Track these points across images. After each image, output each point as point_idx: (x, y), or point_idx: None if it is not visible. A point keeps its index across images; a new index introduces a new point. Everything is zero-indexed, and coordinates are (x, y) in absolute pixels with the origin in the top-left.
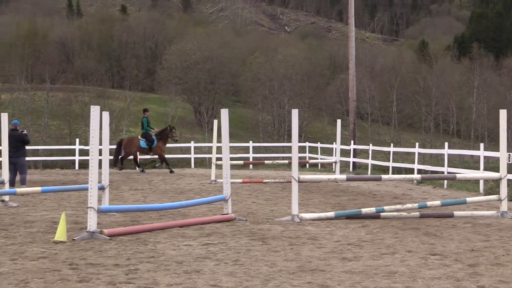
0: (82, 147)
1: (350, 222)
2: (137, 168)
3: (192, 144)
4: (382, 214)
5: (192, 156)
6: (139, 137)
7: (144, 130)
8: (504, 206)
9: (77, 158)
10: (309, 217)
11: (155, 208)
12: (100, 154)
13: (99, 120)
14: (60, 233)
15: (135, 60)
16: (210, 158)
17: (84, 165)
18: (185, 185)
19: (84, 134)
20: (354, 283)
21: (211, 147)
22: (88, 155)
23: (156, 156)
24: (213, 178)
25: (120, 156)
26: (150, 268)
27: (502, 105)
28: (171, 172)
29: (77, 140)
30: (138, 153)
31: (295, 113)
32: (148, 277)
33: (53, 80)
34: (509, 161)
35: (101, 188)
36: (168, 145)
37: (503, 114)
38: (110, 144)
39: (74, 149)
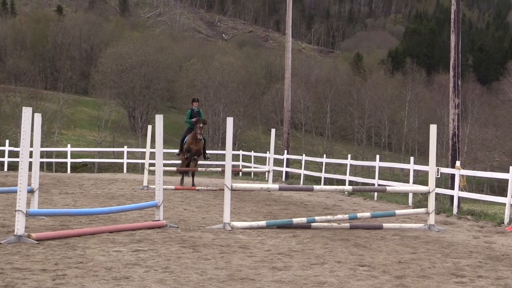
0: (12, 148)
1: (281, 231)
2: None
3: (125, 149)
4: (313, 224)
5: (125, 161)
6: None
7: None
8: (431, 219)
9: (6, 159)
10: (241, 226)
11: (85, 213)
12: (31, 156)
13: (31, 122)
14: None
15: (70, 62)
16: (143, 164)
17: (13, 167)
18: (117, 190)
19: (14, 135)
20: None
21: (144, 152)
22: (18, 157)
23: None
24: (145, 184)
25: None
26: (78, 274)
27: (432, 120)
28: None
29: (7, 141)
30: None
31: (229, 121)
32: (76, 283)
33: None
34: (437, 175)
35: (31, 191)
36: (101, 149)
37: (433, 129)
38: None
39: (4, 151)
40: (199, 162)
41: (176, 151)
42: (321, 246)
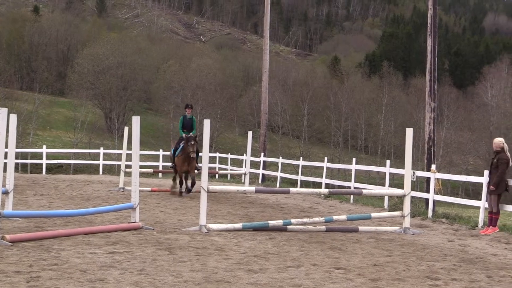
0: None
1: (257, 234)
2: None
3: (101, 150)
4: (289, 227)
5: (101, 162)
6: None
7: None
8: (406, 222)
9: None
10: (217, 228)
11: (61, 215)
12: (6, 157)
13: (6, 123)
14: None
15: (46, 63)
16: (119, 165)
17: None
18: (93, 191)
19: None
20: None
21: (120, 154)
22: None
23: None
24: (121, 185)
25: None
26: (52, 276)
27: (408, 124)
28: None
29: None
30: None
31: (207, 123)
32: (51, 285)
33: None
34: (413, 178)
35: (5, 193)
36: (77, 150)
37: (409, 132)
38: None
39: None
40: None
41: (153, 153)
42: (297, 249)
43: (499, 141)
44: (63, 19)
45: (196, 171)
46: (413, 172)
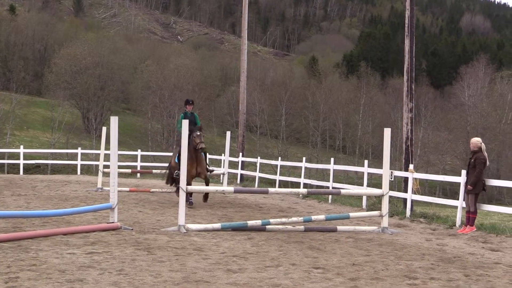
0: None
1: (236, 234)
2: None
3: (79, 151)
4: (267, 227)
5: (79, 162)
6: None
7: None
8: (385, 222)
9: None
10: (196, 228)
11: (39, 215)
12: None
13: None
14: None
15: (23, 62)
16: (97, 165)
17: None
18: (70, 192)
19: None
20: None
21: (98, 154)
22: None
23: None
24: (99, 185)
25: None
26: (31, 277)
27: (386, 124)
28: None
29: None
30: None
31: (185, 123)
32: (29, 286)
33: None
34: (391, 178)
35: None
36: (55, 150)
37: (387, 132)
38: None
39: None
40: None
41: (131, 153)
42: (276, 249)
43: (476, 140)
44: (39, 18)
45: (208, 172)
46: (391, 172)
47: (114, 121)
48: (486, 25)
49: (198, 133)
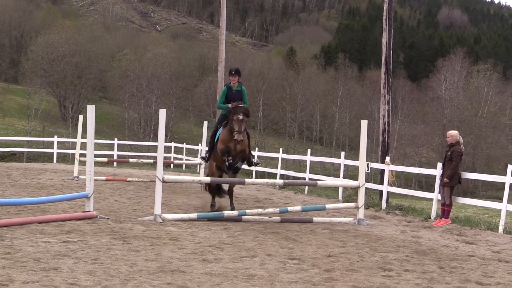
0: None
1: (212, 224)
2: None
3: (55, 139)
4: (244, 217)
5: (55, 151)
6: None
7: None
8: (360, 213)
9: None
10: (172, 218)
11: (14, 203)
12: None
13: None
14: None
15: None
16: (73, 154)
17: None
18: (46, 180)
19: None
20: (214, 285)
21: (75, 142)
22: None
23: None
24: (75, 174)
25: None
26: (5, 265)
27: (363, 116)
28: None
29: None
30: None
31: (162, 112)
32: (3, 274)
33: None
34: (367, 170)
35: None
36: (31, 138)
37: (364, 124)
38: None
39: None
40: (130, 153)
41: (107, 142)
42: (252, 239)
43: (455, 133)
44: (16, 5)
45: (255, 165)
46: (368, 164)
47: (91, 109)
48: (463, 19)
49: (240, 117)
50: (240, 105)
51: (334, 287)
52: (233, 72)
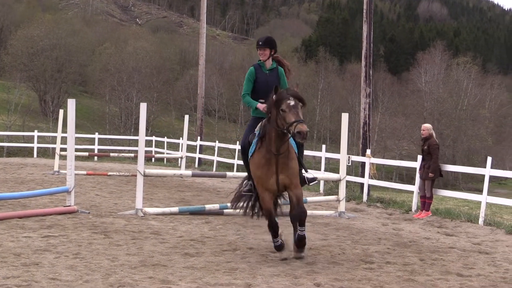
0: None
1: (193, 218)
2: None
3: (35, 133)
4: (225, 211)
5: (35, 145)
6: None
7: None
8: (342, 206)
9: None
10: (153, 212)
11: None
12: None
13: None
14: None
15: None
16: (54, 148)
17: None
18: (27, 175)
19: None
20: (196, 279)
21: (55, 136)
22: None
23: None
24: (56, 168)
25: None
26: None
27: (344, 109)
28: None
29: None
30: None
31: (143, 106)
32: None
33: None
34: (348, 163)
35: None
36: (11, 133)
37: (345, 117)
38: None
39: None
40: (111, 147)
41: (88, 136)
42: (233, 233)
43: (429, 126)
44: None
45: (309, 183)
46: (349, 156)
47: (71, 103)
48: (443, 12)
49: (292, 103)
50: (283, 90)
51: (316, 279)
52: (260, 43)
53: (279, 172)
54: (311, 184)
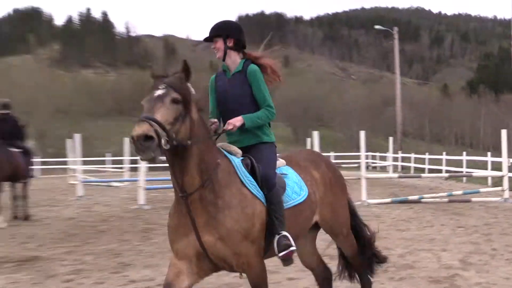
0: None
1: (401, 205)
2: None
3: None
4: (422, 200)
5: None
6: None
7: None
8: (506, 194)
9: None
10: (374, 202)
11: None
12: None
13: None
14: None
15: None
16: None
17: None
18: None
19: None
20: (407, 246)
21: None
22: None
23: None
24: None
25: None
26: None
27: (501, 126)
28: None
29: None
30: None
31: (362, 134)
32: None
33: None
34: (509, 164)
35: None
36: None
37: (503, 132)
38: None
39: None
40: None
41: None
42: (430, 214)
43: None
44: None
45: (280, 252)
46: (509, 159)
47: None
48: None
49: (158, 93)
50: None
51: (492, 246)
52: (209, 34)
53: (200, 231)
54: (284, 260)
